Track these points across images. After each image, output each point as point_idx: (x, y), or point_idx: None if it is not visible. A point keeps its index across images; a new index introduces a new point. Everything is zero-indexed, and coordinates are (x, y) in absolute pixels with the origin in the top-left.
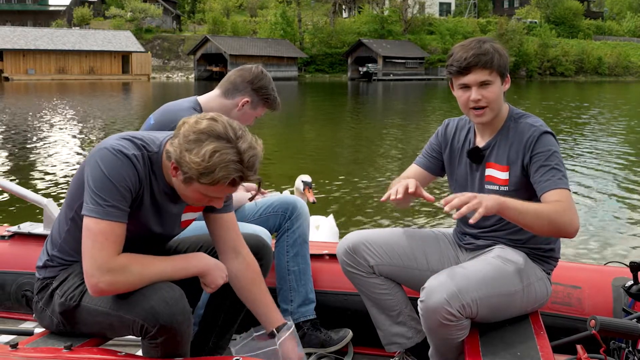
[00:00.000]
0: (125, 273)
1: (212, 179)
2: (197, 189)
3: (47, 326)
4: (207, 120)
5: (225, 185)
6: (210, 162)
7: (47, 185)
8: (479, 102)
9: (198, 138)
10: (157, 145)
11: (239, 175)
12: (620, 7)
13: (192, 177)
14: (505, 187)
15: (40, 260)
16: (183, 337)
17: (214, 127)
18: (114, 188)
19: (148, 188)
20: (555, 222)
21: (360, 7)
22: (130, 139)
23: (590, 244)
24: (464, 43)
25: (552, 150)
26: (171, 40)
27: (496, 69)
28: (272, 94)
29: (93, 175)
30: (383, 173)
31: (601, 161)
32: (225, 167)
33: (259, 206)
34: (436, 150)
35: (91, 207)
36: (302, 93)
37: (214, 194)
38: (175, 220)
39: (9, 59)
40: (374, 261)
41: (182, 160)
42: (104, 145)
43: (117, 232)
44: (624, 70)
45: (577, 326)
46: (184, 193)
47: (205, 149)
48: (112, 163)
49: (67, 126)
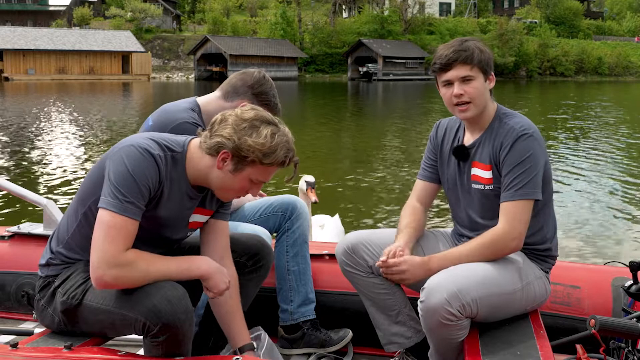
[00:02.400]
0: (131, 269)
1: (274, 158)
2: (248, 174)
3: (48, 325)
4: (250, 109)
5: (278, 166)
6: (273, 142)
7: (47, 185)
8: (462, 97)
9: (252, 124)
10: (180, 145)
11: (292, 154)
12: (620, 7)
13: (254, 160)
14: (490, 186)
15: (43, 258)
16: (185, 336)
17: (262, 114)
18: (135, 185)
19: (168, 188)
20: (492, 253)
21: (360, 7)
22: (155, 140)
23: (590, 244)
24: (448, 42)
25: (526, 155)
26: (171, 40)
27: (477, 64)
28: (273, 100)
29: (116, 170)
30: (384, 172)
31: (601, 160)
32: (284, 146)
33: (259, 206)
34: (432, 158)
35: (109, 200)
36: (302, 93)
37: (264, 177)
38: (184, 221)
39: (9, 59)
40: (373, 261)
41: (243, 146)
42: (130, 142)
43: (129, 228)
44: (624, 70)
45: (577, 326)
46: (229, 184)
47: (264, 132)
48: (137, 160)
49: (67, 126)
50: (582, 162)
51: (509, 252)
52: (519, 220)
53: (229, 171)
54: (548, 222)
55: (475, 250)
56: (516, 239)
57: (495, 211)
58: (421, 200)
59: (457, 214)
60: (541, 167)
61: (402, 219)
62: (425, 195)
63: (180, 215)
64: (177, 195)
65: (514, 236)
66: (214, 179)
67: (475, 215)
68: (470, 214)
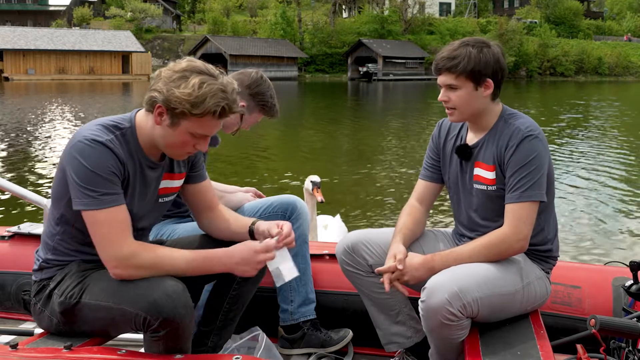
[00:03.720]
0: (135, 259)
1: (204, 108)
2: (185, 128)
3: (46, 327)
4: (185, 61)
5: (214, 116)
6: (200, 92)
7: (47, 185)
8: (447, 103)
9: (183, 75)
10: (127, 120)
11: (226, 104)
12: (620, 7)
13: (184, 112)
14: (492, 187)
15: (36, 264)
16: (185, 331)
17: (194, 64)
18: (99, 178)
19: (132, 165)
20: (496, 254)
21: (360, 7)
22: (102, 124)
23: (590, 244)
24: (452, 43)
25: (532, 156)
26: (171, 40)
27: (462, 74)
28: (270, 101)
29: (76, 171)
30: (385, 172)
31: (602, 160)
32: (214, 95)
33: (258, 206)
34: (434, 158)
35: (84, 200)
36: (302, 93)
37: (202, 129)
38: (153, 193)
39: (9, 59)
40: (373, 260)
41: (172, 97)
42: (77, 138)
43: (118, 217)
44: (624, 70)
45: (577, 326)
46: (170, 140)
47: (192, 81)
48: (90, 154)
49: (67, 126)
50: (582, 161)
51: (513, 253)
52: (524, 222)
53: (167, 126)
54: (549, 223)
55: (479, 250)
56: (521, 240)
57: (497, 212)
58: (421, 200)
59: (458, 214)
60: (546, 168)
61: (399, 218)
62: (425, 195)
63: (147, 189)
64: (138, 169)
65: (519, 238)
66: (157, 138)
67: (476, 215)
68: (471, 214)
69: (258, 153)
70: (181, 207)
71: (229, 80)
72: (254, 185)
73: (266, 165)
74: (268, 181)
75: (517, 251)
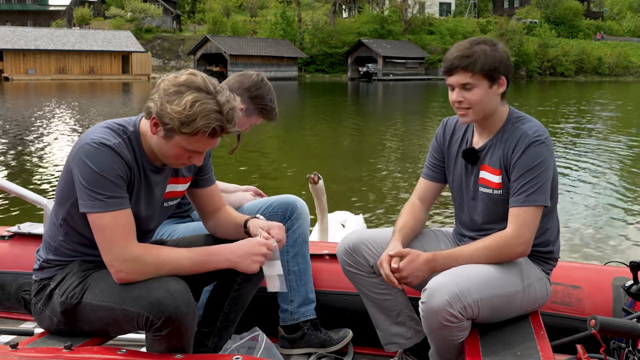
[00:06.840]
0: (140, 262)
1: (193, 128)
2: (178, 142)
3: (46, 327)
4: (186, 74)
5: (205, 136)
6: (191, 111)
7: (47, 185)
8: (461, 103)
9: (178, 90)
10: (132, 124)
11: (219, 125)
12: (620, 7)
13: (174, 129)
14: (498, 191)
15: (36, 264)
16: (187, 330)
17: (193, 80)
18: (106, 181)
19: (137, 169)
20: (498, 256)
21: (360, 7)
22: (108, 127)
23: (590, 244)
24: (460, 43)
25: (538, 161)
26: (171, 40)
27: (479, 72)
28: (269, 105)
29: (83, 173)
30: (385, 172)
31: (602, 160)
32: (205, 116)
33: (258, 206)
34: (437, 157)
35: (90, 203)
36: (302, 93)
37: (194, 146)
38: (159, 197)
39: (9, 59)
40: (374, 261)
41: (164, 112)
42: (84, 140)
43: (123, 220)
44: (624, 70)
45: (577, 326)
46: (165, 151)
47: (185, 99)
48: (98, 157)
49: (67, 126)
50: (582, 161)
51: (515, 257)
52: (527, 226)
53: (161, 137)
54: (552, 226)
55: (481, 252)
56: (524, 244)
57: (500, 216)
58: (422, 198)
59: (460, 215)
60: (551, 173)
61: (400, 217)
62: (427, 193)
63: (153, 193)
64: (143, 174)
65: (522, 241)
66: (154, 146)
67: (478, 218)
68: (474, 216)
69: (258, 153)
70: (181, 207)
71: (228, 99)
72: (253, 184)
73: (266, 165)
74: (268, 181)
75: (519, 255)
